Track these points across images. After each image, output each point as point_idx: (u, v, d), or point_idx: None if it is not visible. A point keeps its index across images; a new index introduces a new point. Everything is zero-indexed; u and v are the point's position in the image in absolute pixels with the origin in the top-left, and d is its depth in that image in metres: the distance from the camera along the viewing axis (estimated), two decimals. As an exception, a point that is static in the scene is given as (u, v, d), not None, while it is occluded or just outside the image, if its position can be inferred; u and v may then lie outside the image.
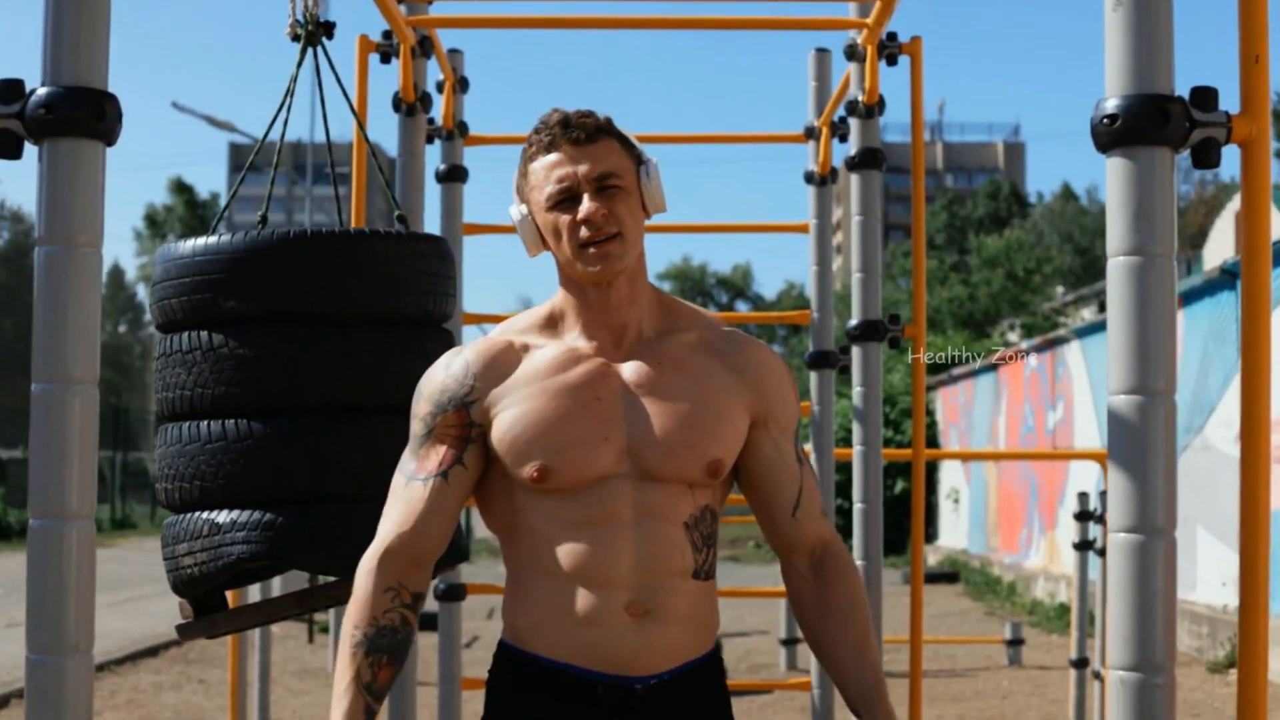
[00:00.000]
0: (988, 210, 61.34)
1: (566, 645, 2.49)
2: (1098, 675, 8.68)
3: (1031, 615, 15.37)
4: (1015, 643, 11.78)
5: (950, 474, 23.16)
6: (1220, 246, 30.04)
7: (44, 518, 2.47)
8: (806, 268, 6.39)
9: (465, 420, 2.52)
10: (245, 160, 4.03)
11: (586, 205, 2.46)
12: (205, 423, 3.34)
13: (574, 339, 2.56)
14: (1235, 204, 30.27)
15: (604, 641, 2.47)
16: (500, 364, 2.53)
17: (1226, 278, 12.02)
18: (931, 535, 24.00)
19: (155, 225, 60.83)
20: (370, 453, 3.31)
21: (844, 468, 14.14)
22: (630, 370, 2.53)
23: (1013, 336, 35.38)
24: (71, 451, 2.49)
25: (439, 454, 2.52)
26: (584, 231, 2.46)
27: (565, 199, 2.48)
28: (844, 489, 16.35)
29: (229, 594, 7.84)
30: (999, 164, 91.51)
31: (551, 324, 2.59)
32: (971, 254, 47.91)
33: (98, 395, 2.56)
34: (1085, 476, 15.24)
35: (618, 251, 2.48)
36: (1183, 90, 2.33)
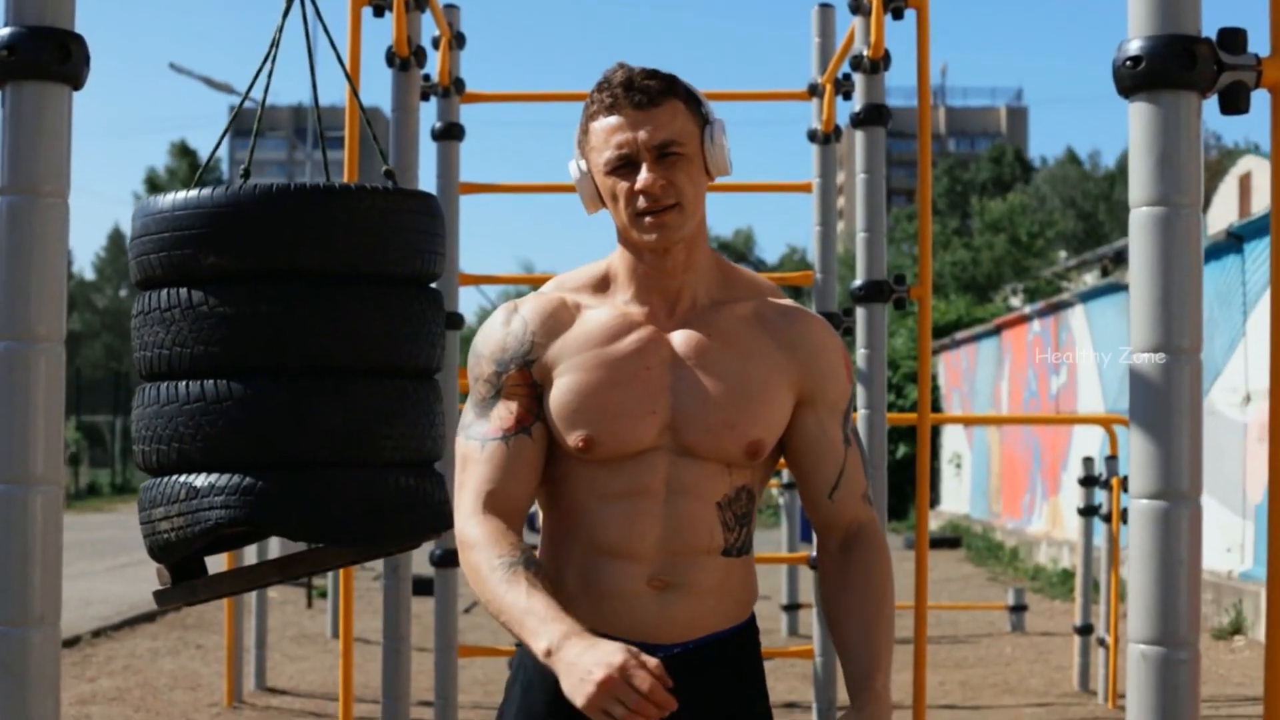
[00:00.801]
0: (991, 174, 61.11)
1: (591, 614, 2.42)
2: (1102, 642, 8.59)
3: (1034, 581, 15.28)
4: (1018, 609, 11.68)
5: (952, 438, 23.06)
6: (1224, 211, 29.85)
7: (8, 483, 2.35)
8: (808, 230, 6.26)
9: (529, 379, 2.48)
10: (248, 124, 3.89)
11: (645, 175, 2.39)
12: (184, 383, 3.22)
13: (626, 303, 2.50)
14: (1239, 168, 30.10)
15: (626, 611, 2.45)
16: (556, 323, 2.49)
17: (1232, 241, 11.90)
18: (933, 500, 23.92)
19: (157, 189, 60.39)
20: (354, 416, 3.20)
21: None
22: (680, 340, 2.48)
23: (1015, 301, 35.23)
24: (36, 413, 2.37)
25: (513, 411, 2.47)
26: (641, 201, 2.39)
27: (624, 165, 2.41)
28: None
29: (225, 558, 7.76)
30: (1001, 128, 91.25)
31: (604, 284, 2.53)
32: (974, 218, 47.74)
33: (64, 354, 2.44)
34: (1089, 441, 15.13)
35: (675, 222, 2.41)
36: (1210, 31, 2.19)
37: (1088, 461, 9.15)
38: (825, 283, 6.13)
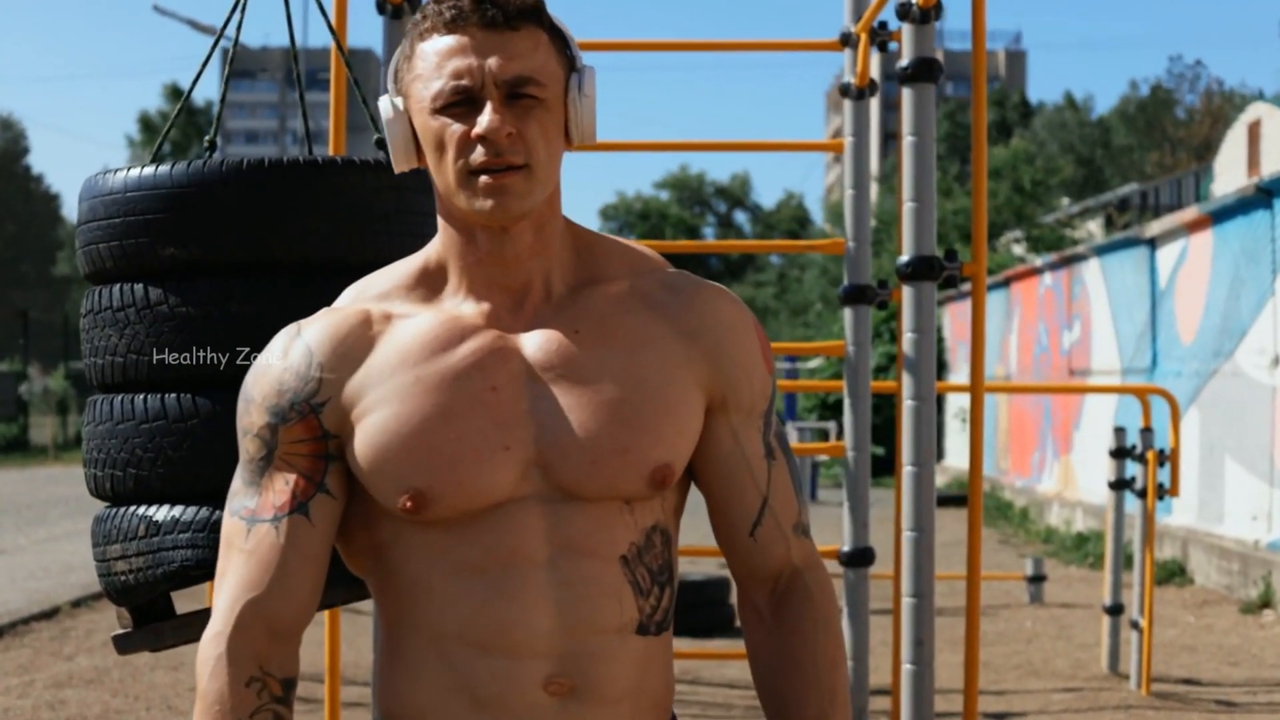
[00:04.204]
0: (994, 118, 60.46)
1: None
2: (1135, 625, 8.13)
3: (1047, 544, 14.85)
4: (1037, 579, 11.24)
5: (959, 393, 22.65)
6: (1232, 158, 29.33)
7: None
8: (803, 175, 5.80)
9: (317, 430, 1.82)
10: (238, 66, 3.38)
11: (489, 117, 1.74)
12: (141, 396, 2.73)
13: (457, 303, 1.85)
14: (1247, 116, 29.55)
15: None
16: (355, 346, 1.83)
17: (1261, 195, 11.41)
18: (939, 454, 23.53)
19: (151, 130, 58.66)
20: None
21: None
22: (535, 344, 1.83)
23: (1017, 250, 34.70)
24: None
25: (289, 482, 1.82)
26: (478, 153, 1.75)
27: (460, 102, 1.77)
28: (878, 431, 15.76)
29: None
30: (1000, 72, 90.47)
31: (425, 282, 1.88)
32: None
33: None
34: (1103, 400, 14.69)
35: (520, 188, 1.77)
36: None
37: (1120, 431, 8.68)
38: (858, 252, 5.62)
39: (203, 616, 2.98)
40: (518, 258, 1.83)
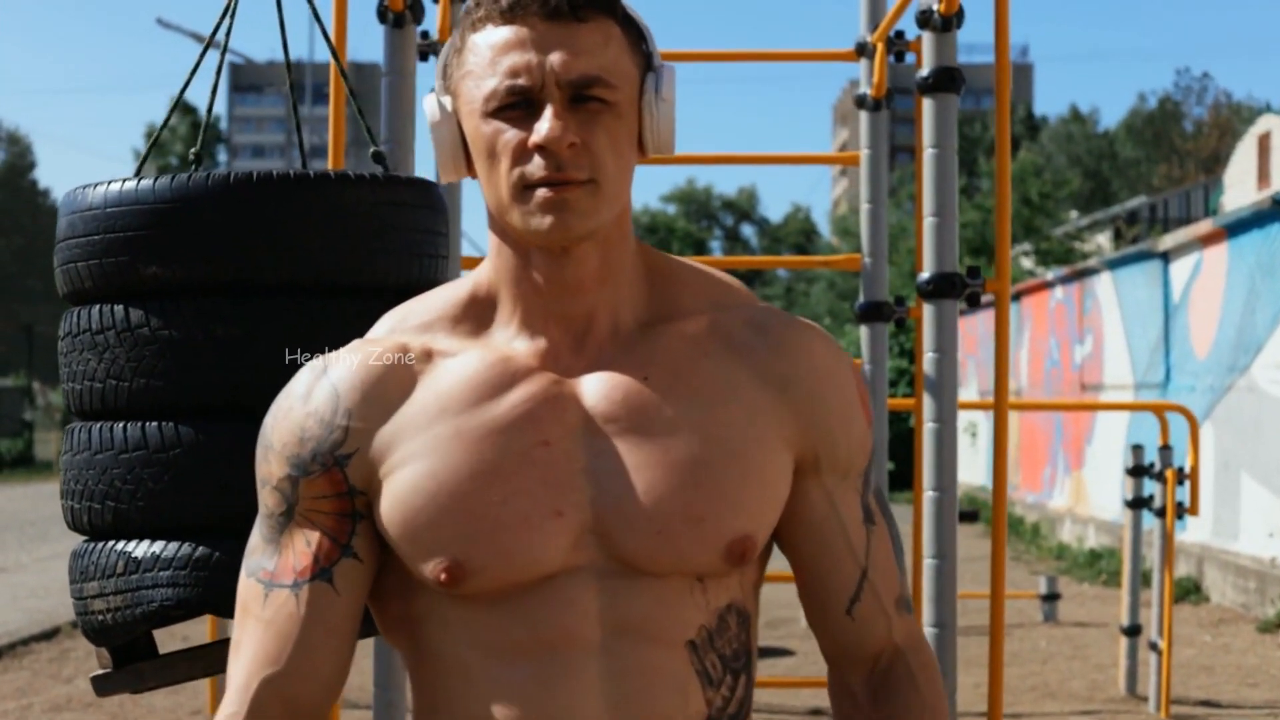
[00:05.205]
0: (999, 132, 60.47)
1: None
2: (1154, 646, 7.96)
3: (1060, 560, 14.69)
4: (1051, 598, 11.07)
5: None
6: (1242, 172, 29.25)
7: None
8: (809, 188, 5.65)
9: (342, 486, 1.59)
10: (246, 80, 3.22)
11: (549, 124, 1.50)
12: (120, 425, 2.57)
13: (508, 338, 1.61)
14: (1257, 128, 29.44)
15: None
16: (389, 388, 1.59)
17: (1276, 208, 11.27)
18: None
19: (156, 145, 58.15)
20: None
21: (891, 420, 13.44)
22: (596, 390, 1.59)
23: (1026, 263, 34.58)
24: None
25: (311, 542, 1.59)
26: (536, 165, 1.51)
27: (516, 104, 1.52)
28: (889, 447, 15.62)
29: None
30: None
31: (473, 312, 1.63)
32: (983, 177, 47.08)
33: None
34: (1115, 415, 14.52)
35: (585, 205, 1.52)
36: None
37: (1138, 449, 8.52)
38: (875, 268, 5.48)
39: (187, 656, 2.82)
40: (580, 285, 1.58)
